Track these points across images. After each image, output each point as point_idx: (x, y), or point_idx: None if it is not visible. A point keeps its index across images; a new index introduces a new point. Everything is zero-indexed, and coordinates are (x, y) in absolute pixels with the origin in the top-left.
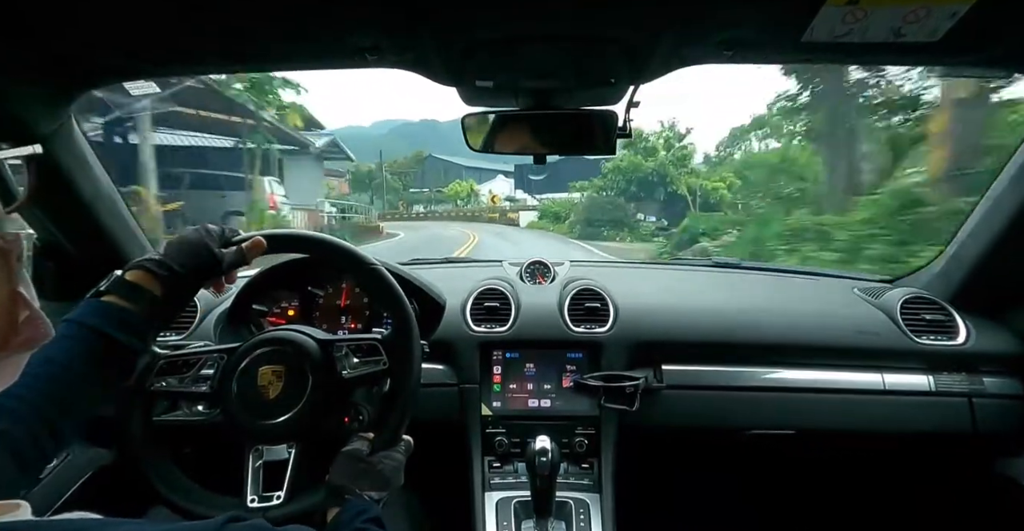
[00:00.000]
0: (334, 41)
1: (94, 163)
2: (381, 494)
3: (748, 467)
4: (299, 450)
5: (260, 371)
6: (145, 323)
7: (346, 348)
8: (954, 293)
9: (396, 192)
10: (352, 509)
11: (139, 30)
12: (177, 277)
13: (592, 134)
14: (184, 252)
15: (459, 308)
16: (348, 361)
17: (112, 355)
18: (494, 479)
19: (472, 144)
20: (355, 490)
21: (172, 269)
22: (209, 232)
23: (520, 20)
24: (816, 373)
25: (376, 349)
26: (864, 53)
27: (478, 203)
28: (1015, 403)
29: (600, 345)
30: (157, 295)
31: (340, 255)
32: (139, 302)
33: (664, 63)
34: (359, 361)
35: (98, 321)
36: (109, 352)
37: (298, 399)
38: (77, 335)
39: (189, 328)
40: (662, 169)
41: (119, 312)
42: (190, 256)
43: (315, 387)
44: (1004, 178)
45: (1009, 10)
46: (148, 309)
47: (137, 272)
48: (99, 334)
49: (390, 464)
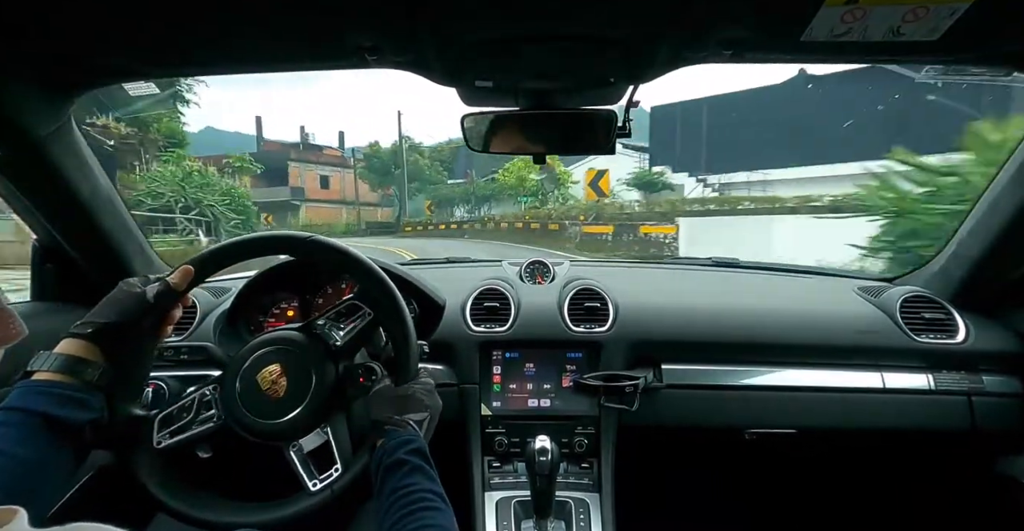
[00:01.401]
0: (334, 41)
1: (93, 164)
2: (423, 416)
3: (748, 466)
4: (332, 426)
5: (259, 377)
6: (87, 391)
7: (327, 321)
8: (954, 292)
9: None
10: (396, 438)
11: (138, 31)
12: (105, 329)
13: (592, 134)
14: (105, 305)
15: (459, 308)
16: (335, 331)
17: (60, 435)
18: (494, 479)
19: (472, 144)
20: (396, 419)
21: (95, 324)
22: (128, 281)
23: (520, 20)
24: (816, 372)
25: (356, 307)
26: (863, 52)
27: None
28: (1014, 401)
29: (600, 345)
30: (93, 358)
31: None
32: (78, 373)
33: (664, 63)
34: (345, 325)
35: (35, 402)
36: (56, 432)
37: (306, 389)
38: (16, 422)
39: (188, 329)
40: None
41: (56, 387)
42: (110, 305)
43: (318, 371)
44: (1003, 177)
45: (1008, 9)
46: (95, 376)
47: (66, 343)
48: (40, 416)
49: (421, 389)
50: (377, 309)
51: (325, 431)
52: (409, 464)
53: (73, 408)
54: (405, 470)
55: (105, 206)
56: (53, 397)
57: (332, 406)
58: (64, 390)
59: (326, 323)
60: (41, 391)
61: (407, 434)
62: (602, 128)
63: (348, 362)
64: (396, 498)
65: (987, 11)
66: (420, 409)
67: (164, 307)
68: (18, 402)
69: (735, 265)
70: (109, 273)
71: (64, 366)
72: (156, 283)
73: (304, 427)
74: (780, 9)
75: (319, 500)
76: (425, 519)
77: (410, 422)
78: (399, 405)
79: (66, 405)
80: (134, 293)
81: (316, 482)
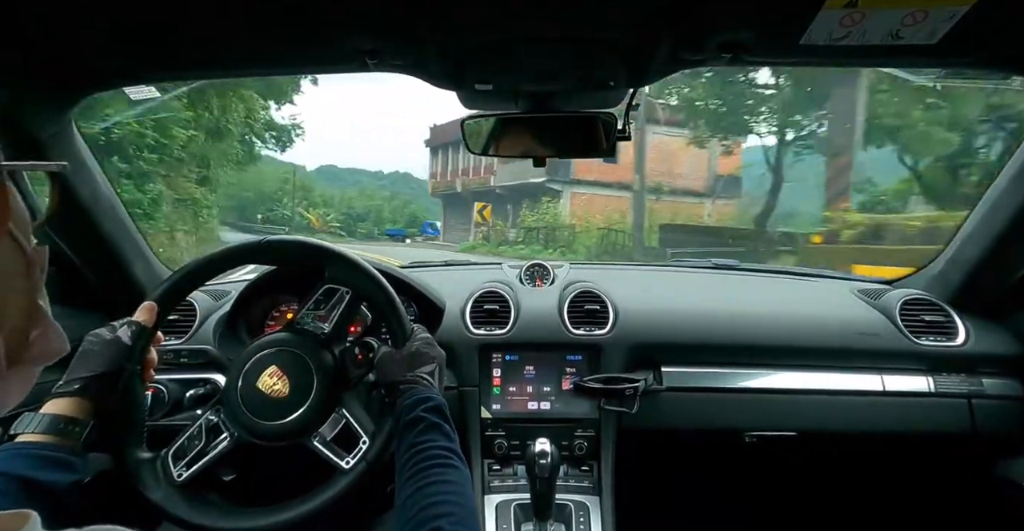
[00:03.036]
0: (334, 45)
1: (94, 168)
2: (432, 367)
3: (748, 469)
4: (348, 409)
5: (260, 383)
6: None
7: (308, 313)
8: (953, 294)
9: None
10: (414, 396)
11: (139, 35)
12: (91, 383)
13: (592, 137)
14: (82, 360)
15: (458, 311)
16: (319, 321)
17: (40, 498)
18: (494, 482)
19: (472, 147)
20: (409, 376)
21: (81, 378)
22: (96, 332)
23: (519, 24)
24: (816, 375)
25: (331, 291)
26: (862, 55)
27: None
28: (1014, 404)
29: (599, 347)
30: (84, 417)
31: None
32: (65, 433)
33: (663, 66)
34: (326, 312)
35: (17, 466)
36: (36, 497)
37: (309, 381)
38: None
39: (188, 333)
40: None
41: (42, 450)
42: (90, 358)
43: (315, 361)
44: (1003, 179)
45: (1007, 12)
46: (82, 434)
47: (51, 402)
48: (21, 480)
49: (419, 343)
50: (350, 286)
51: (341, 414)
52: (426, 421)
53: (56, 470)
54: (422, 427)
55: (106, 210)
56: (37, 460)
57: (339, 389)
58: (49, 452)
59: (308, 315)
60: (25, 454)
61: (424, 391)
62: (602, 131)
63: (342, 345)
64: (412, 454)
65: (986, 15)
66: (427, 362)
67: (142, 347)
68: (8, 468)
69: (735, 267)
70: (109, 277)
71: (50, 427)
72: (124, 326)
73: (318, 417)
74: (779, 13)
75: (356, 475)
76: (439, 475)
77: (423, 376)
78: (407, 363)
79: (49, 467)
80: (108, 340)
81: (349, 460)
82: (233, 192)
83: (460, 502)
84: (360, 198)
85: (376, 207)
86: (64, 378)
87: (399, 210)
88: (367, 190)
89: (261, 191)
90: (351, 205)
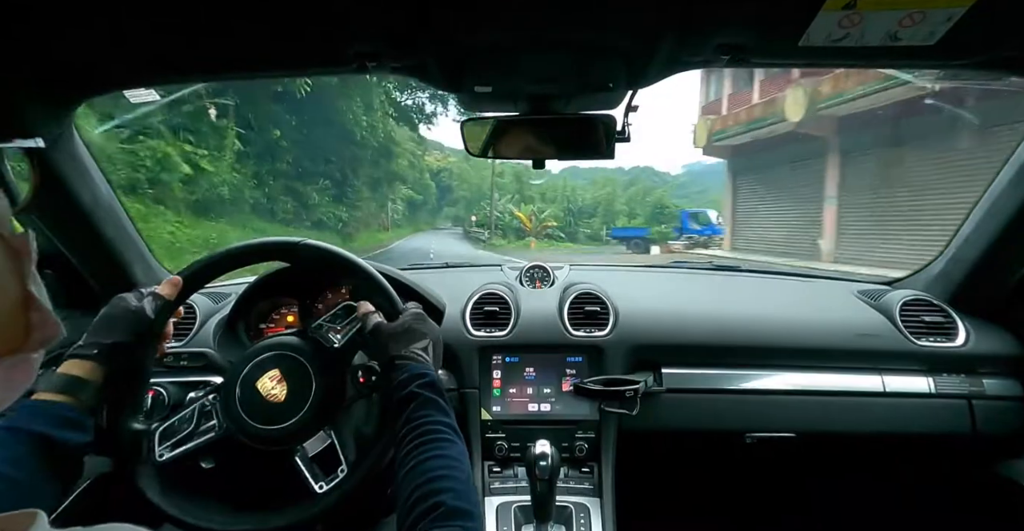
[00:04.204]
0: (334, 48)
1: (94, 171)
2: (425, 343)
3: (749, 470)
4: (337, 430)
5: (258, 384)
6: (87, 414)
7: (323, 324)
8: (953, 295)
9: None
10: (410, 371)
11: (139, 38)
12: (111, 350)
13: (592, 139)
14: (106, 324)
15: (459, 313)
16: (332, 334)
17: (54, 458)
18: (494, 484)
19: (471, 149)
20: (404, 352)
21: (101, 344)
22: (123, 297)
23: (519, 26)
24: (816, 376)
25: (351, 308)
26: (861, 57)
27: None
28: (1015, 404)
29: (600, 349)
30: (97, 380)
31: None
32: (77, 393)
33: (662, 68)
34: (341, 327)
35: (38, 423)
36: (50, 456)
37: (307, 392)
38: (14, 441)
39: (188, 335)
40: None
41: (58, 409)
42: (112, 325)
43: (317, 374)
44: (1003, 180)
45: (1005, 14)
46: (91, 398)
47: (69, 362)
48: (39, 437)
49: (412, 319)
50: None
51: (329, 433)
52: (421, 397)
53: (71, 430)
54: (418, 402)
55: (106, 214)
56: (54, 418)
57: (334, 408)
58: (64, 411)
59: (322, 326)
60: (43, 412)
61: (419, 367)
62: (602, 133)
63: (347, 364)
64: (409, 430)
65: (984, 16)
66: (420, 338)
67: (162, 321)
68: (21, 422)
69: (735, 269)
70: (109, 280)
71: (67, 387)
72: (150, 297)
73: (307, 430)
74: (778, 14)
75: (325, 504)
76: (435, 449)
77: (416, 352)
78: (402, 339)
79: (65, 427)
80: (133, 310)
81: (323, 484)
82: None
83: (458, 476)
84: (588, 188)
85: (605, 198)
86: (84, 339)
87: (637, 200)
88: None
89: (480, 188)
90: (574, 197)
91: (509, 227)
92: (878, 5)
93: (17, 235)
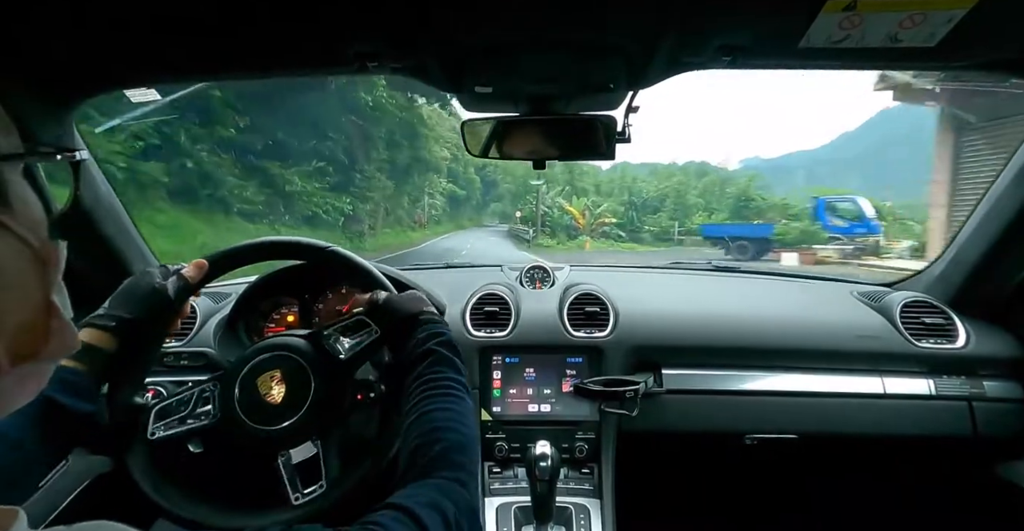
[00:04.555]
0: (334, 48)
1: (95, 171)
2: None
3: (749, 471)
4: (323, 441)
5: (259, 381)
6: (95, 383)
7: (335, 333)
8: (953, 296)
9: None
10: (429, 330)
11: (139, 38)
12: (128, 325)
13: (592, 139)
14: (128, 298)
15: (459, 313)
16: (340, 344)
17: (60, 422)
18: (494, 484)
19: (471, 150)
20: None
21: (120, 318)
22: (149, 272)
23: (519, 27)
24: (816, 377)
25: (363, 323)
26: (861, 58)
27: None
28: (1015, 406)
29: (600, 350)
30: (110, 351)
31: (292, 248)
32: (89, 361)
33: (663, 69)
34: (351, 339)
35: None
36: (58, 419)
37: (304, 398)
38: None
39: (188, 334)
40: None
41: (68, 374)
42: (135, 300)
43: (318, 381)
44: (1003, 182)
45: (1005, 15)
46: (101, 367)
47: (86, 330)
48: (47, 401)
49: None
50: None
51: (316, 444)
52: (437, 353)
53: (77, 396)
54: (434, 358)
55: (107, 213)
56: (62, 383)
57: (327, 419)
58: (74, 376)
59: (332, 335)
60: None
61: (438, 327)
62: (602, 134)
63: (349, 376)
64: (421, 383)
65: (983, 18)
66: (427, 304)
67: (181, 302)
68: None
69: (735, 270)
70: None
71: (80, 353)
72: (174, 277)
73: (296, 437)
74: (778, 16)
75: (297, 516)
76: (443, 402)
77: (434, 312)
78: (411, 302)
79: (71, 393)
80: (156, 288)
81: (299, 496)
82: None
83: (462, 431)
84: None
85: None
86: (104, 309)
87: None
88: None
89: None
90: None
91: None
92: (879, 7)
93: (47, 243)
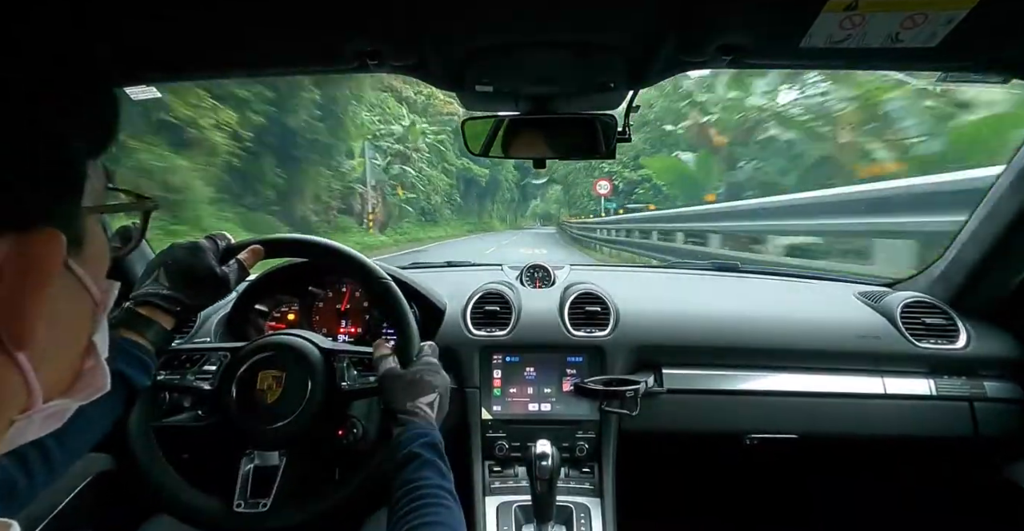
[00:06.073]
0: (335, 47)
1: None
2: (432, 398)
3: (749, 472)
4: (290, 458)
5: (260, 375)
6: (155, 359)
7: (347, 360)
8: (955, 296)
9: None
10: (412, 431)
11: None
12: (188, 310)
13: (592, 138)
14: (190, 280)
15: (459, 312)
16: (349, 373)
17: (114, 395)
18: (494, 483)
19: (472, 148)
20: (409, 406)
21: (183, 303)
22: (205, 251)
23: (520, 26)
24: (817, 377)
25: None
26: (862, 58)
27: None
28: (1016, 407)
29: (601, 349)
30: (168, 329)
31: (346, 262)
32: (153, 338)
33: (663, 68)
34: (358, 374)
35: (122, 360)
36: (121, 391)
37: (296, 406)
38: None
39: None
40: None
41: (135, 349)
42: (197, 286)
43: (314, 396)
44: (1004, 181)
45: (1006, 16)
46: (162, 344)
47: (152, 308)
48: (118, 374)
49: (426, 370)
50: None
51: (282, 461)
52: (421, 458)
53: (141, 371)
54: (416, 464)
55: None
56: (134, 359)
57: (303, 441)
58: (143, 354)
59: (345, 359)
60: (127, 351)
61: (421, 426)
62: (602, 133)
63: (342, 406)
64: (406, 492)
65: (985, 18)
66: (429, 391)
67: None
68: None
69: (736, 269)
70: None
71: (153, 334)
72: (235, 265)
73: (272, 441)
74: (779, 15)
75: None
76: (431, 515)
77: (421, 407)
78: (409, 391)
79: (136, 366)
80: (219, 277)
81: (241, 504)
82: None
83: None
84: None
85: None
86: (168, 290)
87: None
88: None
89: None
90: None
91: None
92: (880, 7)
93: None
